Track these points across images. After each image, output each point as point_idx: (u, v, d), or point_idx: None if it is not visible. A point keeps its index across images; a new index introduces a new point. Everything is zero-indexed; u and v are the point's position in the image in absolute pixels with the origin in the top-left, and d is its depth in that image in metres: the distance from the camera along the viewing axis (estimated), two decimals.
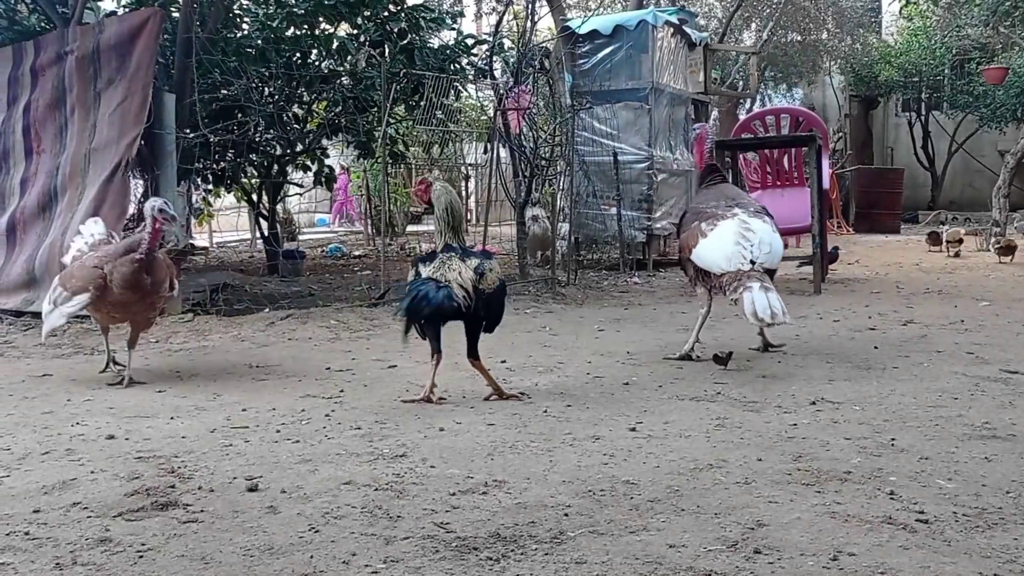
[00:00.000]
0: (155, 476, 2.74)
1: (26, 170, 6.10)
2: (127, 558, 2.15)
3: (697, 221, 4.59)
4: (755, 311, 4.03)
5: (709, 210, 4.64)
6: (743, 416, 3.42)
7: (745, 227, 4.42)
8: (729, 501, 2.47)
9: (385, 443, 3.10)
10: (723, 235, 4.41)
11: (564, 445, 3.05)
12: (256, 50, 8.01)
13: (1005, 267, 9.13)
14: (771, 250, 4.42)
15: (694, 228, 4.57)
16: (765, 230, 4.46)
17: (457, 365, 4.51)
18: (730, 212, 4.55)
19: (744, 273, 4.22)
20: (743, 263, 4.27)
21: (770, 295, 4.08)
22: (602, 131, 9.25)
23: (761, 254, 4.33)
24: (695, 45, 10.48)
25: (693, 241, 4.52)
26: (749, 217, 4.50)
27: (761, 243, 4.36)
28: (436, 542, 2.23)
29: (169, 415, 3.53)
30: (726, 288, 4.28)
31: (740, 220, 4.46)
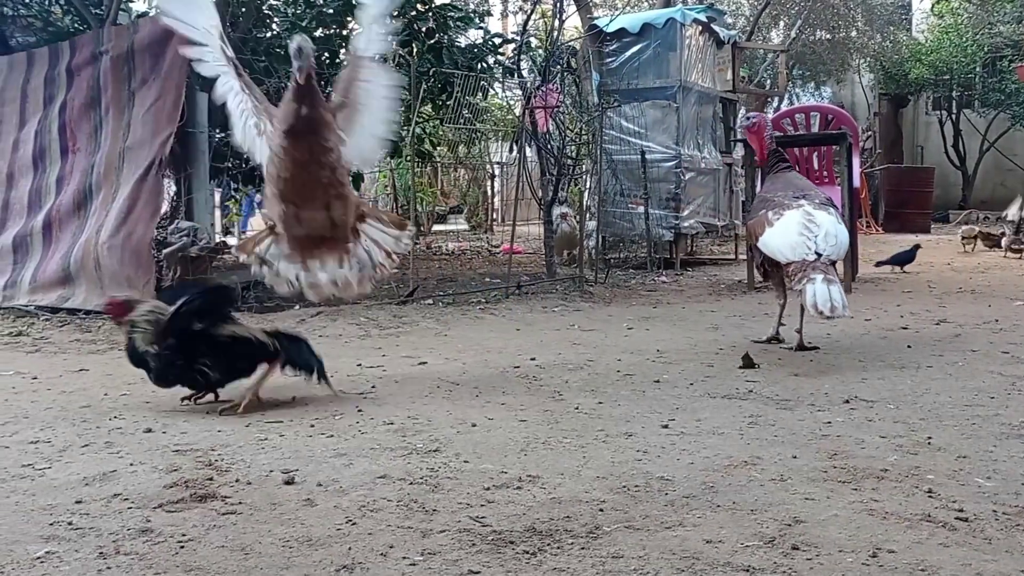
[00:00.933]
0: (193, 469, 2.78)
1: (62, 169, 6.19)
2: (169, 548, 2.18)
3: (764, 209, 4.72)
4: (815, 303, 4.11)
5: (776, 199, 4.75)
6: (776, 414, 3.40)
7: (809, 219, 4.51)
8: (765, 498, 2.46)
9: (418, 438, 3.12)
10: (788, 225, 4.52)
11: (597, 441, 3.05)
12: (285, 49, 8.07)
13: None
14: (836, 242, 4.47)
15: (761, 216, 4.70)
16: (830, 222, 4.52)
17: (487, 362, 4.54)
18: (796, 203, 4.64)
19: (809, 264, 4.32)
20: (808, 253, 4.36)
21: (832, 288, 4.16)
22: (630, 129, 9.23)
23: (827, 246, 4.40)
24: (723, 43, 10.44)
25: (760, 229, 4.65)
26: (814, 209, 4.58)
27: (827, 235, 4.43)
28: (472, 535, 2.24)
29: (205, 410, 3.57)
30: (792, 277, 4.40)
31: (805, 211, 4.55)
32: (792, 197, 4.75)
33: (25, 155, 6.32)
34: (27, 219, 6.16)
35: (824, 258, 4.35)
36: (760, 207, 4.84)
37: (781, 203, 4.72)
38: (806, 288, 4.20)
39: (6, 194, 6.30)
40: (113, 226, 5.71)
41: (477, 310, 6.35)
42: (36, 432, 3.23)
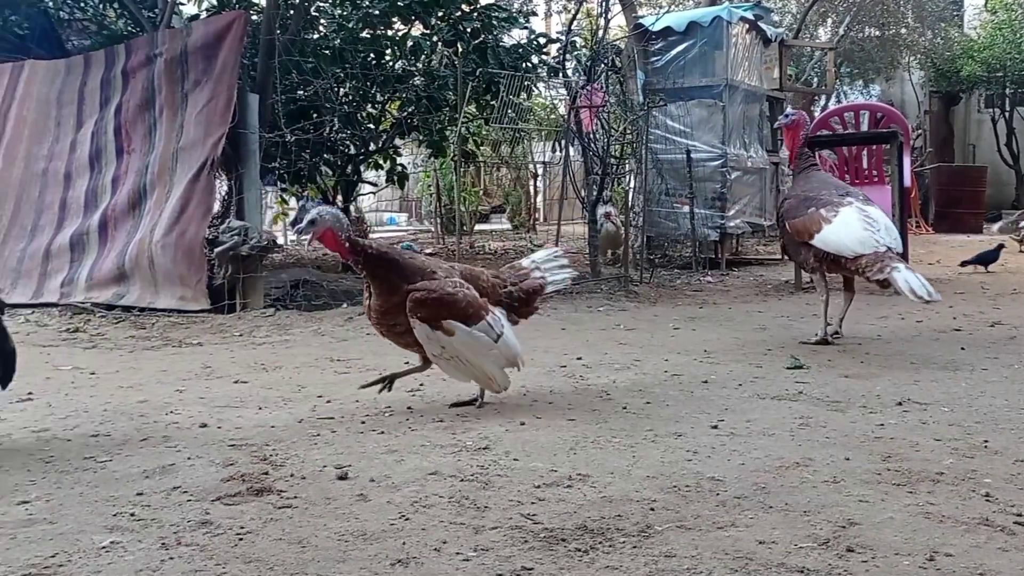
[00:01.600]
0: (248, 463, 2.83)
1: (117, 169, 6.34)
2: (228, 540, 2.22)
3: (813, 207, 4.77)
4: (912, 288, 4.21)
5: (822, 197, 4.81)
6: (827, 415, 3.37)
7: (865, 214, 4.63)
8: (818, 499, 2.44)
9: (468, 435, 3.14)
10: (848, 220, 4.62)
11: (646, 441, 3.05)
12: (333, 51, 8.17)
13: None
14: (895, 236, 4.61)
15: (812, 214, 4.75)
16: (882, 217, 4.67)
17: (533, 361, 4.55)
18: (844, 200, 4.75)
19: (883, 255, 4.45)
20: (878, 246, 4.48)
21: (918, 275, 4.29)
22: (675, 129, 9.19)
23: (890, 239, 4.55)
24: (770, 41, 10.34)
25: (815, 227, 4.70)
26: (864, 205, 4.71)
27: (887, 228, 4.59)
28: (524, 532, 2.25)
29: (257, 405, 3.63)
30: (865, 270, 4.49)
31: (857, 207, 4.67)
32: (837, 195, 4.84)
33: (82, 156, 6.48)
34: (84, 218, 6.32)
35: (892, 251, 4.48)
36: (806, 205, 4.84)
37: (830, 200, 4.78)
38: (895, 277, 4.30)
39: (64, 194, 6.47)
40: (166, 225, 5.84)
41: None
42: (96, 426, 3.31)
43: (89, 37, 9.03)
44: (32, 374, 4.29)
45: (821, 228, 4.68)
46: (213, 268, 5.78)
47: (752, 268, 9.57)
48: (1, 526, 2.29)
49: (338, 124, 8.67)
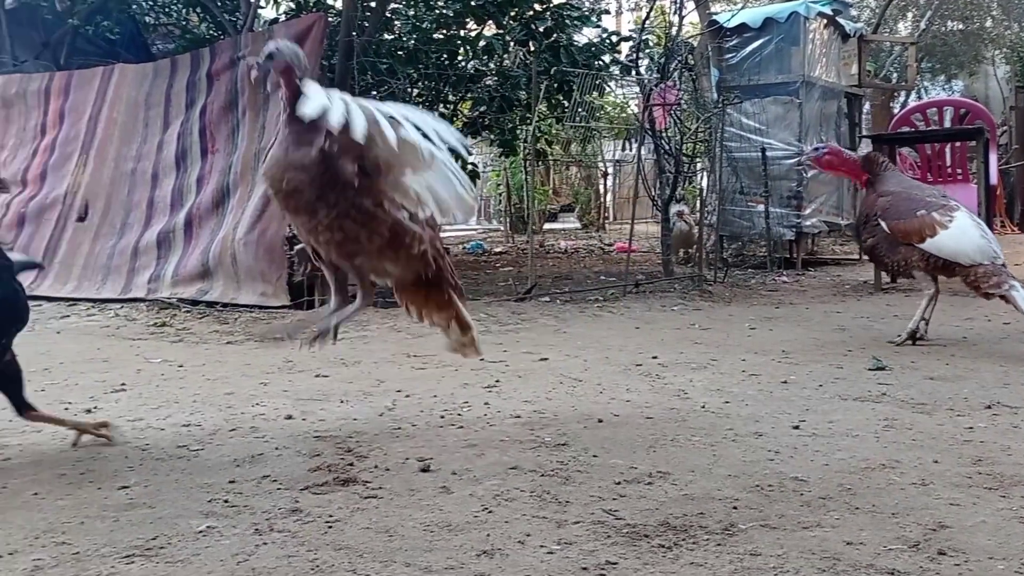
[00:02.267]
0: (334, 454, 2.90)
1: (201, 169, 6.54)
2: (318, 527, 2.29)
3: (923, 210, 4.73)
4: None
5: (930, 200, 4.78)
6: (912, 418, 3.30)
7: (976, 221, 4.69)
8: (906, 502, 2.40)
9: (546, 432, 3.17)
10: (965, 226, 4.64)
11: (726, 440, 3.03)
12: (406, 52, 8.28)
13: None
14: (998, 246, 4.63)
15: (923, 217, 4.71)
16: (985, 227, 4.67)
17: (608, 360, 4.56)
18: (951, 203, 4.78)
19: (1000, 268, 4.54)
20: (996, 256, 4.53)
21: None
22: (750, 126, 9.07)
23: (998, 249, 4.57)
24: (849, 36, 10.12)
25: (929, 231, 4.67)
26: (968, 212, 4.75)
27: (993, 239, 4.61)
28: (607, 528, 2.27)
29: (339, 399, 3.71)
30: (980, 281, 4.56)
31: (967, 213, 4.70)
32: (940, 196, 4.89)
33: (168, 156, 6.70)
34: (170, 217, 6.53)
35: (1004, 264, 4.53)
36: (911, 207, 4.78)
37: (938, 203, 4.78)
38: (1015, 296, 4.45)
39: (151, 193, 6.70)
40: (248, 223, 6.00)
41: (595, 308, 6.37)
42: (187, 416, 3.43)
43: (173, 41, 9.33)
44: (124, 366, 4.46)
45: (936, 233, 4.65)
46: (293, 265, 5.92)
47: (828, 268, 9.39)
48: (105, 509, 2.39)
49: None
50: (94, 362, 4.57)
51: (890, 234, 4.86)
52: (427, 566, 2.05)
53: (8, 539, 2.18)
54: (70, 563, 2.04)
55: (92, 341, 5.24)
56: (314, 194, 2.81)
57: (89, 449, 2.97)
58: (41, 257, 6.91)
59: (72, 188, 7.02)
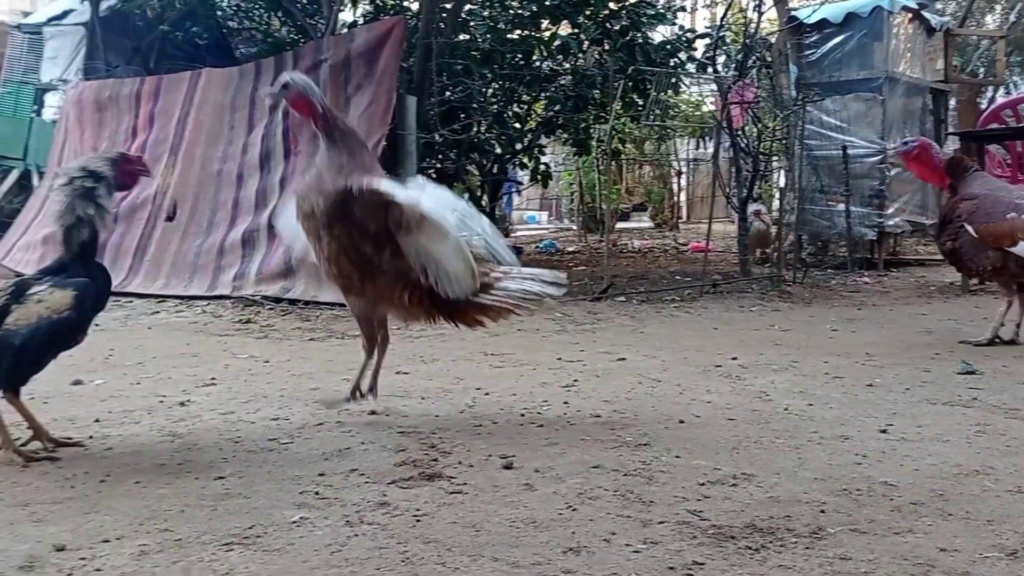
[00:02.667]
0: (418, 450, 2.95)
1: (284, 170, 6.70)
2: (406, 521, 2.34)
3: (1014, 213, 4.73)
4: None
5: (1020, 202, 4.76)
6: (1006, 423, 3.21)
7: None
8: (1002, 509, 2.34)
9: (627, 432, 3.17)
10: None
11: (811, 443, 2.99)
12: (482, 52, 8.35)
13: None
14: None
15: (1015, 220, 4.70)
16: None
17: (687, 360, 4.53)
18: None
19: None
20: None
21: None
22: (830, 124, 8.89)
23: None
24: (934, 31, 9.84)
25: (1021, 234, 4.68)
26: None
27: None
28: (692, 528, 2.27)
29: (420, 396, 3.78)
30: None
31: None
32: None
33: (253, 157, 6.89)
34: (254, 216, 6.71)
35: None
36: (1000, 210, 4.75)
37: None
38: None
39: (236, 193, 6.89)
40: None
41: (671, 308, 6.33)
42: (275, 411, 3.53)
43: (255, 45, 9.58)
44: (213, 361, 4.61)
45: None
46: None
47: (912, 269, 9.15)
48: (203, 498, 2.48)
49: (486, 124, 8.86)
50: (184, 357, 4.73)
51: (977, 238, 4.76)
52: (514, 561, 2.08)
53: (115, 525, 2.28)
54: (173, 549, 2.13)
55: (182, 337, 5.42)
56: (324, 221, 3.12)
57: (185, 439, 3.09)
58: (132, 255, 7.17)
59: (161, 189, 7.27)
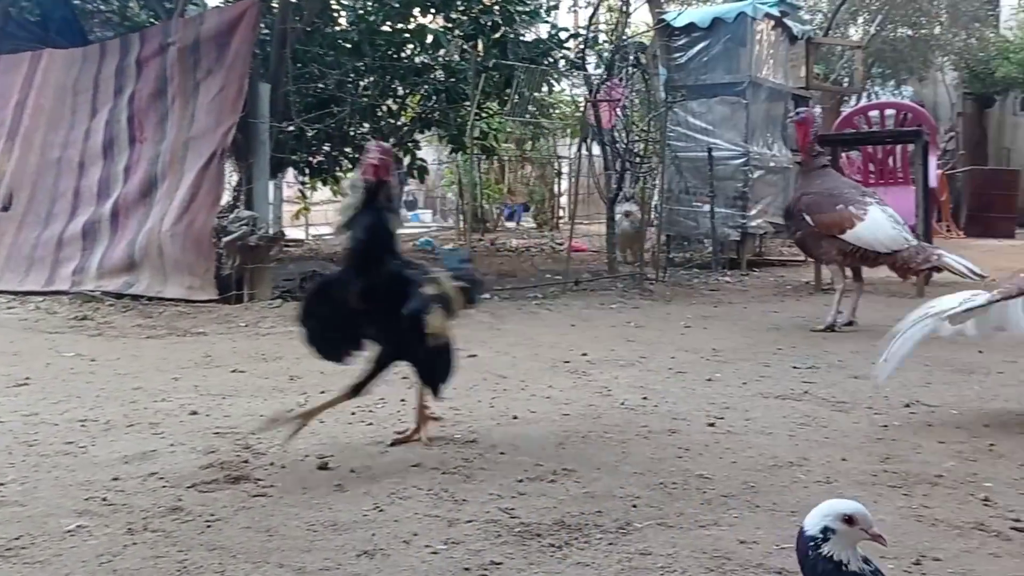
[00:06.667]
0: (231, 451, 2.79)
1: (129, 158, 6.35)
2: (195, 527, 2.18)
3: (841, 204, 5.21)
4: (967, 266, 4.98)
5: (845, 194, 5.31)
6: (830, 416, 3.27)
7: (889, 213, 5.20)
8: (808, 500, 2.34)
9: (457, 428, 3.08)
10: (878, 219, 5.14)
11: (638, 438, 2.97)
12: (352, 44, 8.15)
13: None
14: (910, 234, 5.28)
15: (842, 211, 5.17)
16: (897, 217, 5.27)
17: (537, 356, 4.48)
18: (867, 199, 5.28)
19: (920, 247, 5.21)
20: (910, 241, 5.18)
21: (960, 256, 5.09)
22: (697, 126, 9.04)
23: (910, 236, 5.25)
24: (797, 39, 10.15)
25: (848, 223, 5.13)
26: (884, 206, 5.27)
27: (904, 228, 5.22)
28: (499, 527, 2.19)
29: (250, 395, 3.59)
30: (910, 262, 5.14)
31: (881, 208, 5.21)
32: (860, 194, 5.39)
33: (95, 144, 6.50)
34: (96, 207, 6.33)
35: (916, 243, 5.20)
36: (832, 202, 5.23)
37: (855, 199, 5.27)
38: (948, 261, 5.03)
39: (77, 182, 6.49)
40: (176, 214, 5.84)
41: (533, 305, 6.30)
42: (86, 411, 3.29)
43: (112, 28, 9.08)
44: (33, 360, 4.30)
45: (854, 225, 5.10)
46: (221, 258, 5.76)
47: (774, 269, 9.40)
48: None
49: (357, 117, 8.64)
50: (3, 356, 4.39)
51: (815, 227, 5.26)
52: (301, 567, 1.96)
53: None
54: None
55: (6, 334, 5.04)
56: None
57: None
58: None
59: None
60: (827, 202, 5.27)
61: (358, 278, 2.77)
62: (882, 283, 7.27)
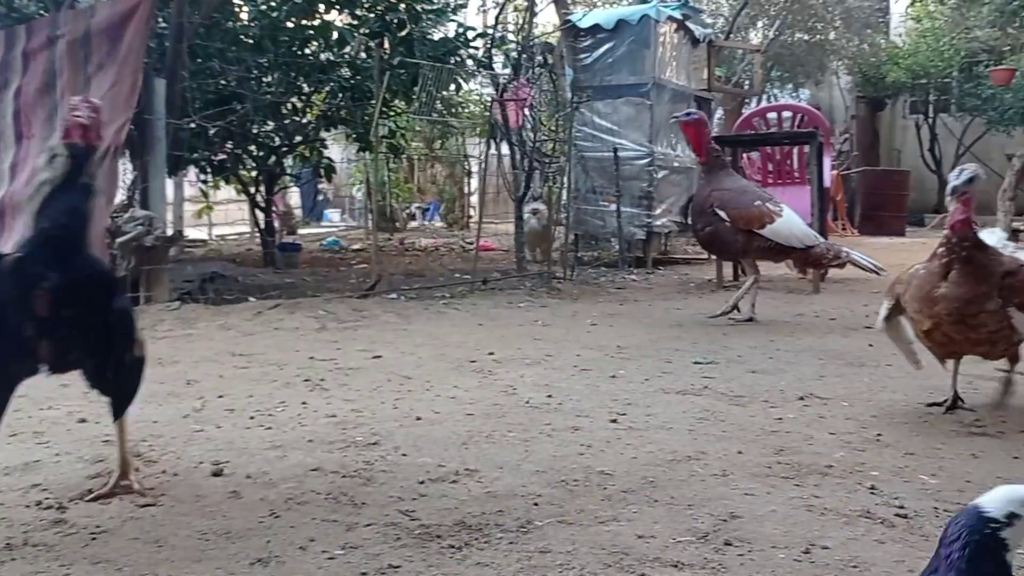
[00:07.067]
0: None
1: (15, 155, 6.03)
2: (80, 540, 2.09)
3: (759, 201, 5.47)
4: (871, 262, 5.48)
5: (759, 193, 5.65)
6: (728, 410, 3.34)
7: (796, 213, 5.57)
8: (704, 493, 2.40)
9: (359, 431, 3.04)
10: (792, 216, 5.46)
11: (542, 436, 2.98)
12: (254, 39, 7.96)
13: None
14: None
15: (760, 207, 5.41)
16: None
17: (443, 356, 4.46)
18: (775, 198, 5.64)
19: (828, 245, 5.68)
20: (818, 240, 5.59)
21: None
22: (603, 126, 9.15)
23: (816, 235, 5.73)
24: (699, 42, 10.38)
25: (767, 219, 5.38)
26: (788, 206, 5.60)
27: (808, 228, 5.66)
28: (399, 529, 2.16)
29: (143, 400, 3.43)
30: (822, 258, 5.52)
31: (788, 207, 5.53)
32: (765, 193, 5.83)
33: None
34: None
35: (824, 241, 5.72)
36: (748, 198, 5.48)
37: (768, 197, 5.61)
38: (856, 257, 5.48)
39: None
40: None
41: (441, 304, 6.27)
42: None
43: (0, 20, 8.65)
44: None
45: (773, 220, 5.36)
46: (115, 259, 5.54)
47: (678, 267, 9.60)
48: None
49: (260, 115, 8.44)
50: None
51: (730, 222, 5.44)
52: None
53: None
54: None
55: None
56: None
57: None
58: None
59: None
60: (743, 198, 5.47)
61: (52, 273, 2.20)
62: (780, 280, 7.52)
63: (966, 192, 2.91)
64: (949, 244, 2.94)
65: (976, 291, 2.91)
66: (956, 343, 3.08)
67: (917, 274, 3.09)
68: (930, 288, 2.98)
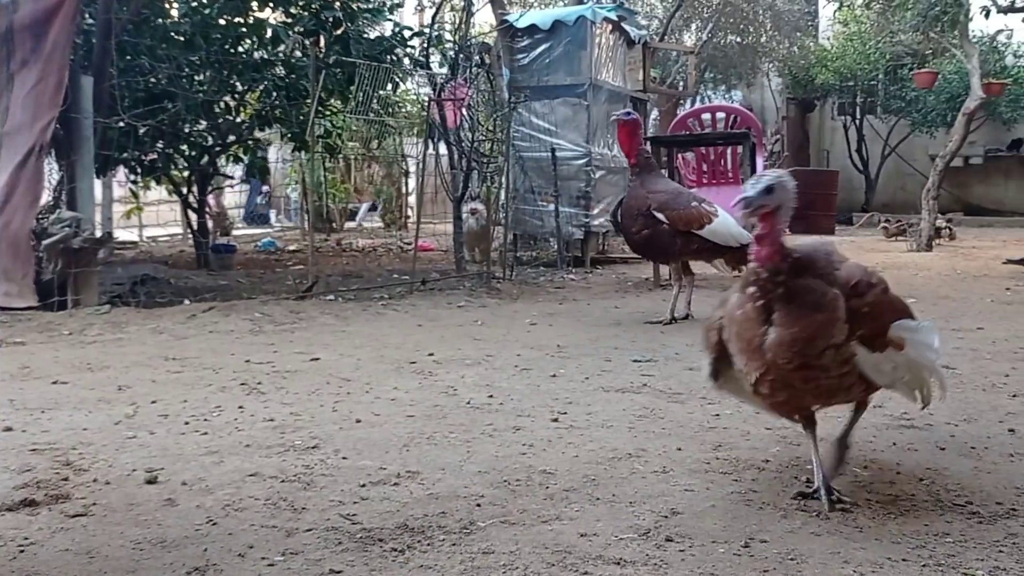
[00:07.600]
0: (49, 469, 2.60)
1: None
2: (7, 553, 2.02)
3: (696, 202, 5.55)
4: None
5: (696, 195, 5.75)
6: (667, 407, 3.38)
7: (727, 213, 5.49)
8: (645, 490, 2.42)
9: (298, 435, 2.99)
10: (727, 217, 5.47)
11: (483, 436, 2.98)
12: (185, 37, 7.79)
13: (932, 266, 9.31)
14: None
15: (697, 207, 5.49)
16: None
17: (383, 358, 4.42)
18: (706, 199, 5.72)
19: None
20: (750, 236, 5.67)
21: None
22: (540, 127, 9.18)
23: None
24: (634, 43, 10.47)
25: (705, 219, 5.45)
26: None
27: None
28: (340, 534, 2.14)
29: (72, 407, 3.36)
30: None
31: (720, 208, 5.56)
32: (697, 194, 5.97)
33: None
34: None
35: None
36: (684, 200, 5.58)
37: (702, 199, 5.70)
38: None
39: None
40: None
41: (379, 306, 6.22)
42: None
43: None
44: None
45: (711, 220, 5.46)
46: (41, 262, 5.37)
47: (616, 266, 9.68)
48: None
49: (192, 113, 8.27)
50: None
51: (669, 224, 5.49)
52: None
53: None
54: None
55: None
56: None
57: None
58: None
59: None
60: (680, 200, 5.55)
61: None
62: (715, 278, 7.63)
63: (764, 206, 2.17)
64: (760, 281, 2.19)
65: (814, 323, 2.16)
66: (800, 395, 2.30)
67: (733, 318, 2.31)
68: (751, 336, 2.22)
